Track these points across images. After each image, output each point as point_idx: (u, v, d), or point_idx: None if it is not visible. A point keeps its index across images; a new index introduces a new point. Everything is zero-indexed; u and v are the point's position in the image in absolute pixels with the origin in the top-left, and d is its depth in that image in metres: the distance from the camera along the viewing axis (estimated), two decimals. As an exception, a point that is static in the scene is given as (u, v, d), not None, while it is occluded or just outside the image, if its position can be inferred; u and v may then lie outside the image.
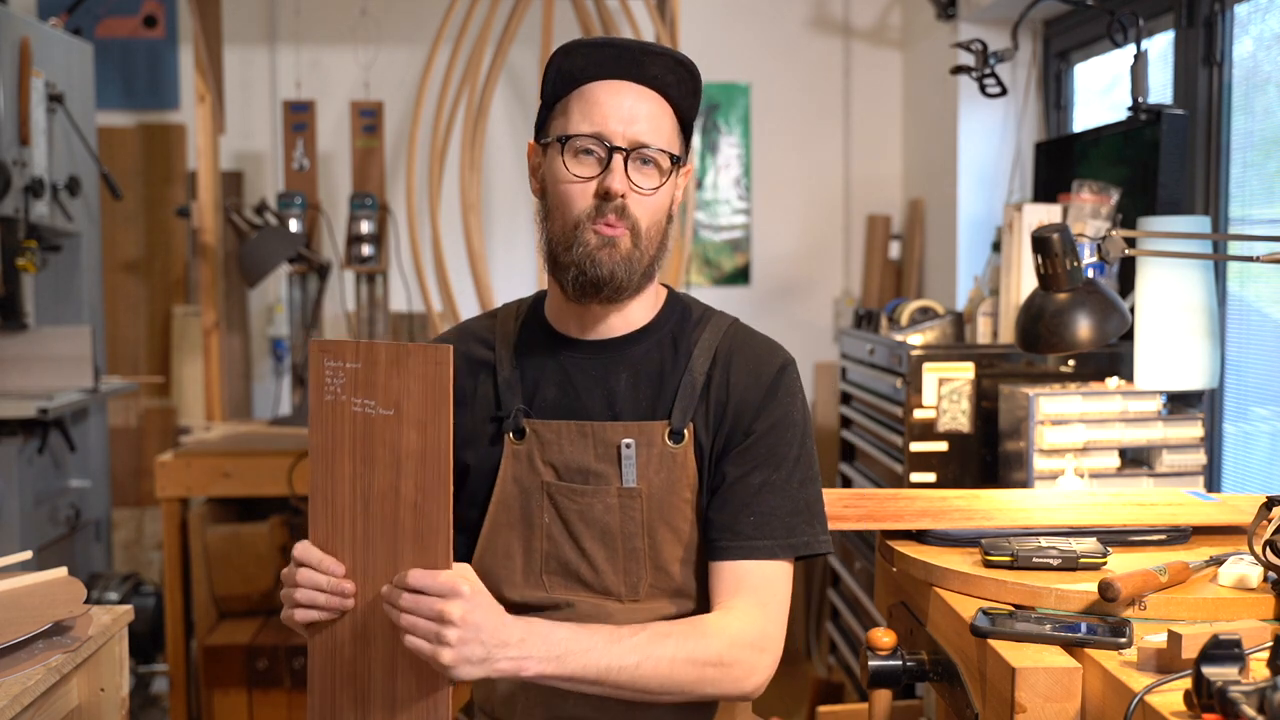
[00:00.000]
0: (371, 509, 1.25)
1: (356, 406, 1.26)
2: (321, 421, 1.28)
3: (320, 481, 1.29)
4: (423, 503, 1.22)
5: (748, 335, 1.47)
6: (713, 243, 4.07)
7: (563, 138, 1.37)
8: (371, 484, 1.25)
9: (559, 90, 1.39)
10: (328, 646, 1.29)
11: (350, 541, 1.26)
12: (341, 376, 1.27)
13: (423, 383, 1.22)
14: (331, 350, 1.28)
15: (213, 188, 3.52)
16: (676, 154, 1.40)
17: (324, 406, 1.28)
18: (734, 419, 1.40)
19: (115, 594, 3.02)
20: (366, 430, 1.25)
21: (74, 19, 3.33)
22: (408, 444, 1.23)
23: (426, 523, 1.22)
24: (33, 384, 2.98)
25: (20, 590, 1.46)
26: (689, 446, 1.40)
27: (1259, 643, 1.14)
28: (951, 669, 1.42)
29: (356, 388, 1.26)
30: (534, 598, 1.40)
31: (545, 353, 1.45)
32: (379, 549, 1.25)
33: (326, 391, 1.27)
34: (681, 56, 1.39)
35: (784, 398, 1.41)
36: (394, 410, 1.23)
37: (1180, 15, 2.60)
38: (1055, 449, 2.24)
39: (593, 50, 1.37)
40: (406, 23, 3.91)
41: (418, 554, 1.22)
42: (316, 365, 1.29)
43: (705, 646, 1.29)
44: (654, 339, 1.45)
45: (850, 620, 3.14)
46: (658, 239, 1.40)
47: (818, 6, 4.03)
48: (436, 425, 1.21)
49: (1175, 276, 2.21)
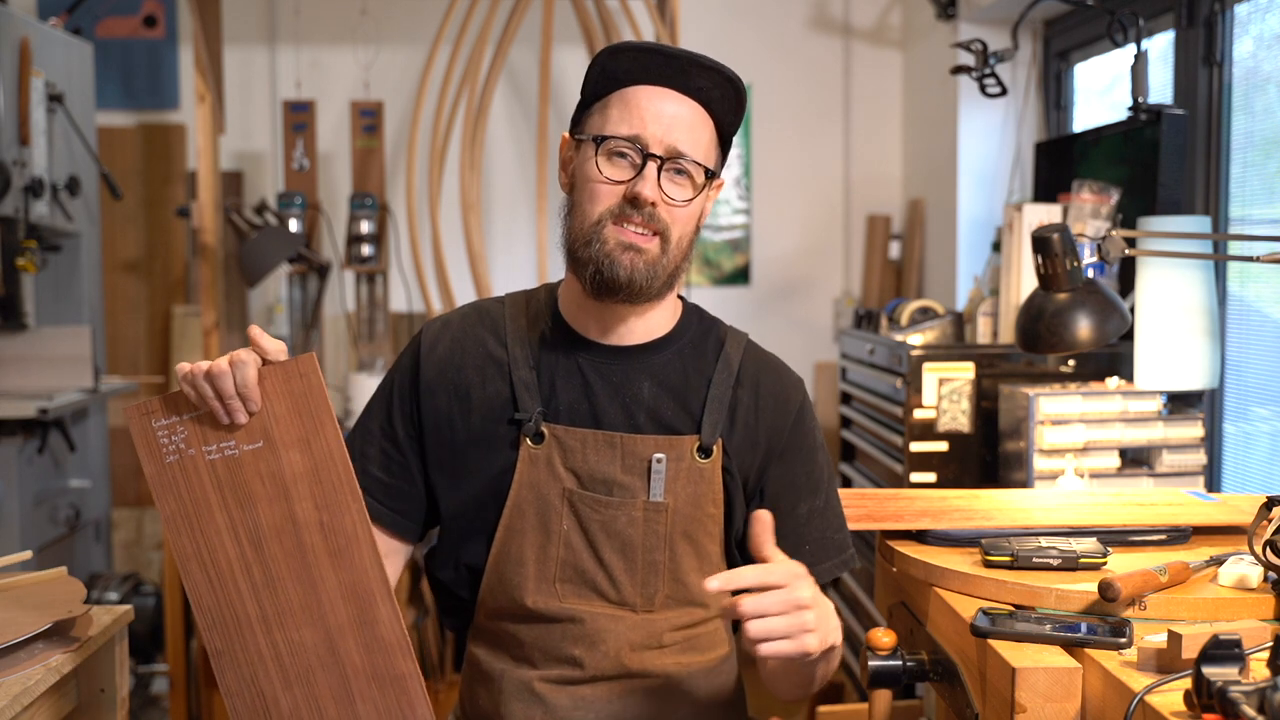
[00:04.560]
0: (266, 549, 1.18)
1: (211, 454, 1.17)
2: (169, 487, 1.18)
3: (189, 549, 1.19)
4: (329, 520, 1.16)
5: (766, 356, 1.48)
6: (713, 243, 4.07)
7: (598, 137, 1.34)
8: (259, 523, 1.18)
9: (600, 89, 1.37)
10: (255, 708, 1.21)
11: (249, 592, 1.18)
12: (181, 431, 1.17)
13: (289, 400, 1.16)
14: (156, 409, 1.18)
15: (213, 188, 3.52)
16: (712, 168, 1.37)
17: (166, 470, 1.18)
18: (767, 445, 1.42)
19: (115, 594, 3.01)
20: (232, 473, 1.17)
21: (74, 19, 3.33)
22: (291, 467, 1.16)
23: (340, 537, 1.16)
24: (33, 384, 2.98)
25: (20, 590, 1.46)
26: (717, 462, 1.39)
27: (1259, 643, 1.14)
28: (951, 669, 1.42)
29: (204, 437, 1.17)
30: (546, 605, 1.38)
31: (562, 353, 1.42)
32: (289, 584, 1.18)
33: (166, 454, 1.18)
34: (730, 73, 1.35)
35: (810, 423, 1.47)
36: (262, 441, 1.16)
37: (1180, 15, 2.60)
38: (1055, 449, 2.24)
39: (641, 54, 1.34)
40: (406, 23, 3.91)
41: (341, 571, 1.17)
42: (142, 431, 1.18)
43: None
44: (674, 348, 1.43)
45: (850, 620, 3.14)
46: (687, 249, 1.38)
47: (818, 6, 4.03)
48: (322, 437, 1.16)
49: (1175, 276, 2.21)
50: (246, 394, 1.17)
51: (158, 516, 3.75)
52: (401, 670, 1.19)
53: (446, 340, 1.45)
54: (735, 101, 1.37)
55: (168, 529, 1.19)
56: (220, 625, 1.20)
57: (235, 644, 1.20)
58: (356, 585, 1.18)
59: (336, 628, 1.19)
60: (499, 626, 1.42)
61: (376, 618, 1.18)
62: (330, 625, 1.19)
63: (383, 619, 1.18)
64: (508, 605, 1.40)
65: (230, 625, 1.20)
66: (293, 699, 1.20)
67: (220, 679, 1.22)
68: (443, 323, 1.47)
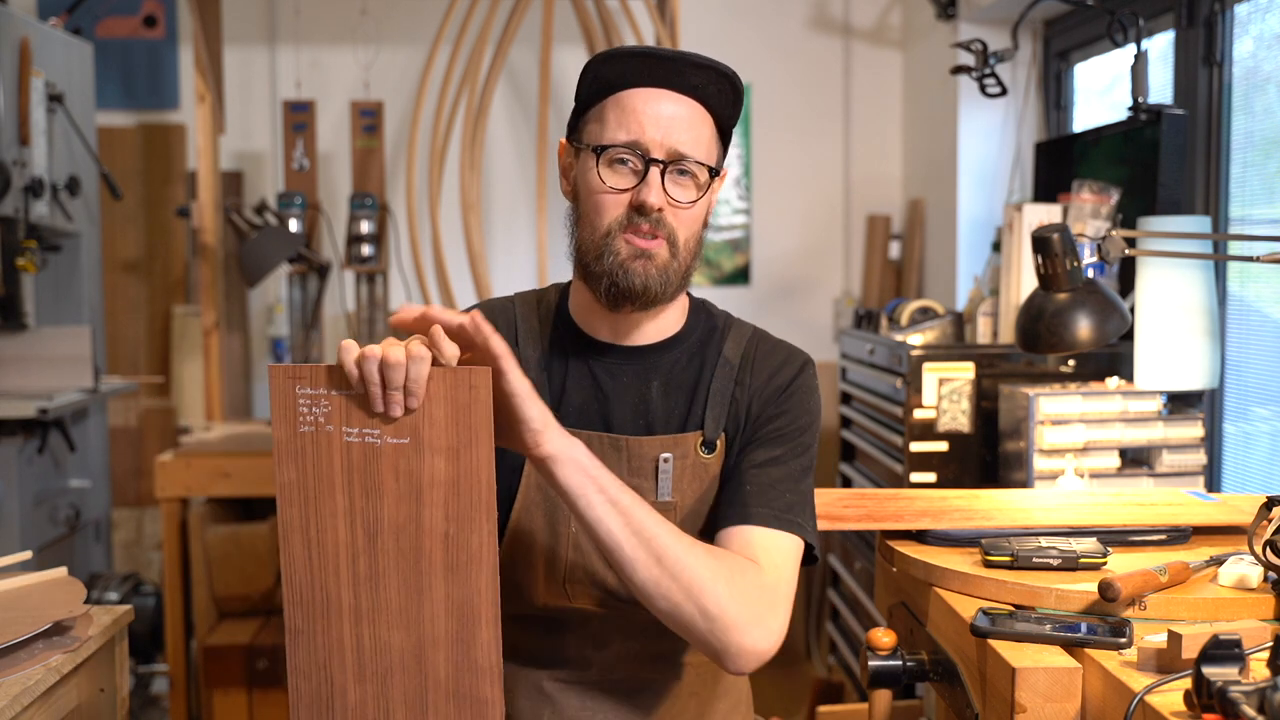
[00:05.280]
0: (381, 543, 1.15)
1: (351, 436, 1.14)
2: (295, 455, 1.15)
3: (296, 521, 1.16)
4: (456, 533, 1.13)
5: (771, 342, 1.46)
6: (713, 243, 4.07)
7: (598, 147, 1.32)
8: (380, 516, 1.14)
9: (595, 95, 1.35)
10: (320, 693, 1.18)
11: (349, 580, 1.16)
12: (325, 405, 1.14)
13: (450, 407, 1.12)
14: (305, 377, 1.14)
15: (213, 188, 3.52)
16: (714, 166, 1.36)
17: (297, 438, 1.14)
18: (753, 415, 1.39)
19: (115, 594, 3.01)
20: (367, 460, 1.14)
21: (74, 19, 3.33)
22: (432, 472, 1.13)
23: (464, 553, 1.13)
24: (33, 384, 2.98)
25: (20, 590, 1.46)
26: (720, 456, 1.39)
27: (1259, 643, 1.14)
28: (951, 669, 1.42)
29: (349, 416, 1.14)
30: (556, 605, 1.38)
31: (573, 355, 1.41)
32: (393, 584, 1.15)
33: (302, 422, 1.14)
34: (725, 69, 1.34)
35: (799, 392, 1.40)
36: (409, 438, 1.13)
37: (1180, 15, 2.60)
38: (1055, 449, 2.24)
39: (633, 59, 1.32)
40: (406, 23, 3.91)
41: (453, 586, 1.14)
42: (283, 393, 1.14)
43: (732, 559, 1.25)
44: (684, 347, 1.43)
45: (850, 620, 3.14)
46: (695, 249, 1.37)
47: (818, 6, 4.03)
48: (473, 452, 1.12)
49: (1175, 276, 2.21)
50: (414, 390, 1.11)
51: (157, 516, 3.76)
52: (485, 695, 1.16)
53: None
54: (732, 95, 1.36)
55: (280, 496, 1.15)
56: (307, 605, 1.17)
57: (318, 626, 1.17)
58: (465, 603, 1.15)
59: (430, 638, 1.16)
60: (508, 626, 1.41)
61: (475, 639, 1.16)
62: (425, 634, 1.16)
63: (481, 641, 1.16)
64: (517, 605, 1.39)
65: (319, 607, 1.17)
66: (362, 694, 1.17)
67: (290, 655, 1.19)
68: None
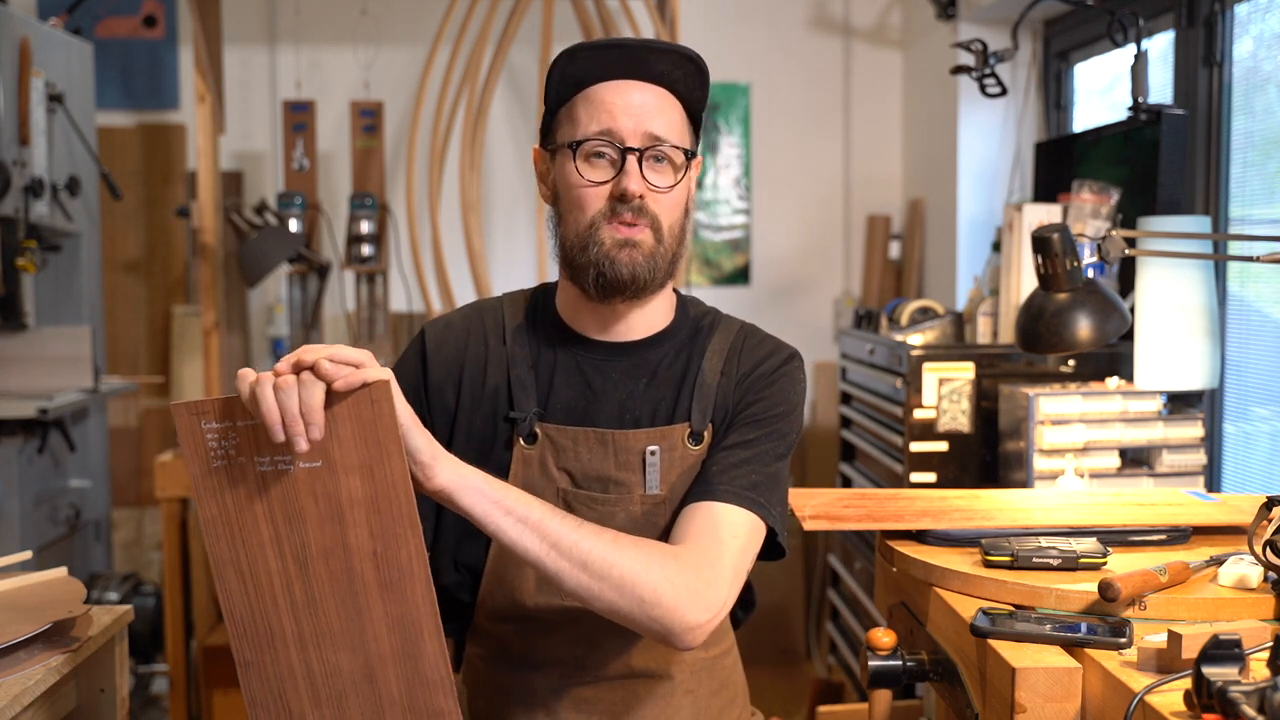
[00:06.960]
0: (312, 568, 1.13)
1: (264, 465, 1.11)
2: (213, 491, 1.12)
3: (226, 555, 1.13)
4: (384, 550, 1.12)
5: (759, 336, 1.47)
6: (713, 243, 4.07)
7: (573, 143, 1.34)
8: (306, 542, 1.13)
9: (563, 94, 1.37)
10: None
11: (288, 608, 1.14)
12: (233, 437, 1.11)
13: (355, 424, 1.10)
14: (209, 411, 1.11)
15: (213, 188, 3.51)
16: (689, 149, 1.38)
17: (212, 475, 1.12)
18: (735, 402, 1.40)
19: (115, 594, 3.01)
20: (284, 487, 1.12)
21: (74, 19, 3.33)
22: (349, 492, 1.11)
23: (394, 570, 1.12)
24: (33, 384, 2.98)
25: (20, 590, 1.46)
26: (707, 448, 1.39)
27: (1259, 643, 1.14)
28: (951, 669, 1.42)
29: (258, 445, 1.10)
30: (549, 604, 1.38)
31: (561, 351, 1.42)
32: (331, 607, 1.14)
33: (213, 458, 1.11)
34: (688, 51, 1.36)
35: (780, 380, 1.41)
36: (320, 461, 1.11)
37: (1180, 15, 2.60)
38: (1055, 449, 2.24)
39: (596, 52, 1.35)
40: (406, 23, 3.91)
41: (390, 603, 1.13)
42: (190, 431, 1.11)
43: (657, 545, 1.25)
44: (672, 343, 1.43)
45: (850, 620, 3.14)
46: (680, 234, 1.39)
47: (818, 6, 4.03)
48: (386, 466, 1.10)
49: (1175, 276, 2.21)
50: (310, 417, 1.08)
51: (157, 516, 3.76)
52: (440, 707, 1.15)
53: (450, 340, 1.45)
54: (699, 79, 1.37)
55: (206, 533, 1.14)
56: (251, 636, 1.16)
57: (265, 656, 1.17)
58: (404, 618, 1.14)
59: (377, 656, 1.15)
60: (499, 628, 1.42)
61: (421, 653, 1.15)
62: (371, 653, 1.15)
63: (427, 655, 1.15)
64: (508, 606, 1.39)
65: (263, 637, 1.16)
66: (320, 718, 1.17)
67: (245, 688, 1.18)
68: (445, 323, 1.47)
